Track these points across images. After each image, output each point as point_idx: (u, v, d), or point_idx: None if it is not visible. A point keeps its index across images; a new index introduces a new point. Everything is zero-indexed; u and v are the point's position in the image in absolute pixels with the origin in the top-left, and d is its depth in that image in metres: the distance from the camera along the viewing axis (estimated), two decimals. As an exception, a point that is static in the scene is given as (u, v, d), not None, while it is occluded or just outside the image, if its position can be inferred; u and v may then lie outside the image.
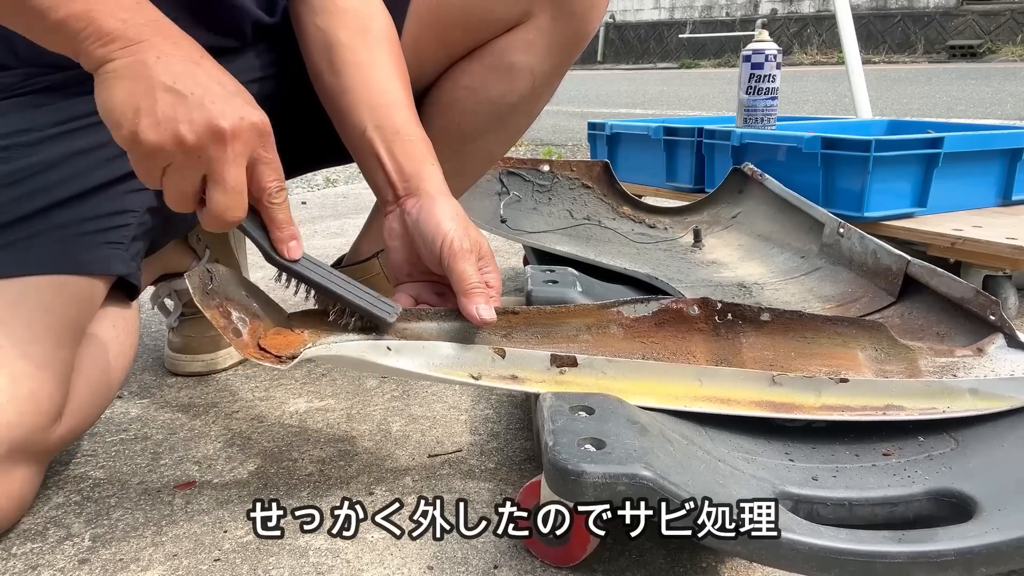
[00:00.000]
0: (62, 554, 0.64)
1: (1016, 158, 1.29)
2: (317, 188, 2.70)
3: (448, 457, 0.78)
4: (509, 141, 1.01)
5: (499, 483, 0.73)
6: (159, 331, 1.20)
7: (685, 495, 0.49)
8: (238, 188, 0.57)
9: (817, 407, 0.64)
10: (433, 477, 0.74)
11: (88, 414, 0.72)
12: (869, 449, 0.62)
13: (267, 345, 0.61)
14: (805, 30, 11.30)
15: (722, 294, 0.95)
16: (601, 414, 0.58)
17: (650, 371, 0.66)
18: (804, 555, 0.48)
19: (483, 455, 0.78)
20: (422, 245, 0.71)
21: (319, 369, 1.03)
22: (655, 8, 13.30)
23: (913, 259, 0.75)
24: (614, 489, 0.50)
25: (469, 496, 0.70)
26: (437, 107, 0.94)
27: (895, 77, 7.25)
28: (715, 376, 0.65)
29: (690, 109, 5.30)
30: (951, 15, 10.20)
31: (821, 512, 0.56)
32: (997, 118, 3.87)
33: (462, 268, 0.67)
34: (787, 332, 0.68)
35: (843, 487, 0.57)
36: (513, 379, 0.65)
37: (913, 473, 0.58)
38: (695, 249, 1.17)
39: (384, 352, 0.64)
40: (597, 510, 0.53)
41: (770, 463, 0.60)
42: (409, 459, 0.78)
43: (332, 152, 0.93)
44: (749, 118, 1.49)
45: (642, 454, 0.52)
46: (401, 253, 0.74)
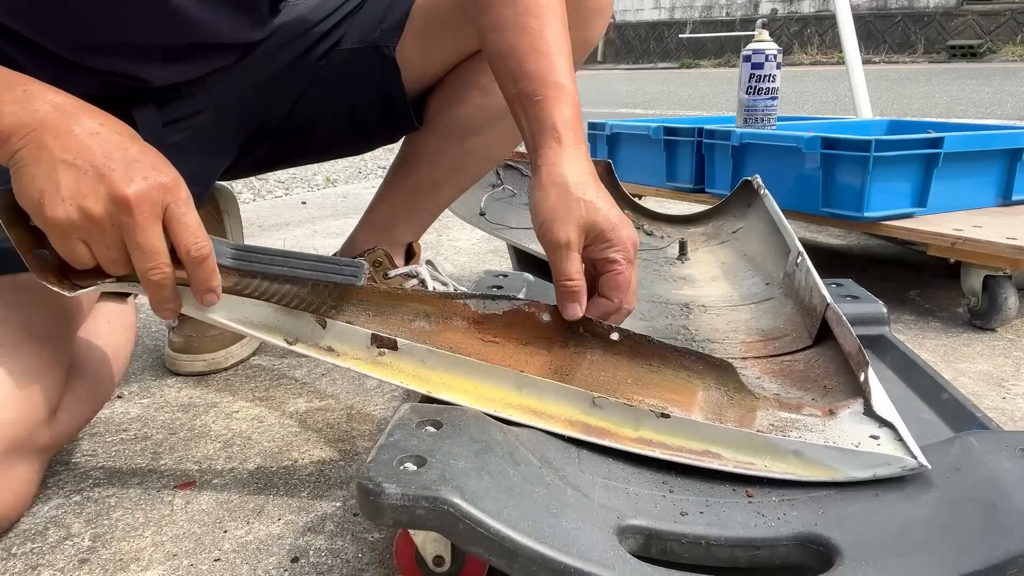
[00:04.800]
0: (62, 554, 0.64)
1: (1016, 158, 1.29)
2: (317, 188, 2.70)
3: (448, 457, 0.78)
4: (510, 142, 1.01)
5: (499, 483, 0.73)
6: (159, 331, 1.20)
7: (491, 524, 0.46)
8: (153, 249, 0.57)
9: (633, 438, 0.60)
10: (433, 477, 0.74)
11: (86, 410, 0.72)
12: (749, 484, 0.58)
13: (74, 277, 0.61)
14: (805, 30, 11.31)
15: (660, 312, 0.92)
16: (447, 430, 0.54)
17: (469, 369, 0.63)
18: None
19: (483, 455, 0.78)
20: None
21: (319, 369, 1.03)
22: (655, 8, 13.30)
23: (833, 303, 0.70)
24: (413, 513, 0.46)
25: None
26: (445, 101, 0.95)
27: (895, 77, 7.25)
28: (535, 387, 0.62)
29: (690, 109, 5.30)
30: (951, 15, 10.20)
31: (676, 549, 0.52)
32: (997, 118, 3.86)
33: (552, 264, 0.65)
34: (634, 356, 0.65)
35: (704, 524, 0.52)
36: (329, 351, 0.64)
37: (787, 514, 0.53)
38: (677, 262, 1.15)
39: (195, 302, 0.62)
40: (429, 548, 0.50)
41: (642, 493, 0.56)
42: (409, 459, 0.78)
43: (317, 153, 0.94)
44: (749, 118, 1.49)
45: (461, 476, 0.48)
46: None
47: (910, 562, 0.46)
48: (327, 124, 0.93)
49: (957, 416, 0.66)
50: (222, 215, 1.12)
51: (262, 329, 0.64)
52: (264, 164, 0.99)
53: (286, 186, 2.73)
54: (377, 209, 1.06)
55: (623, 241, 0.65)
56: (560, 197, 0.64)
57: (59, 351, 0.67)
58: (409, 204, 1.04)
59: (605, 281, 0.66)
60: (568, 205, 0.64)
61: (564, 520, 0.49)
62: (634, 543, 0.52)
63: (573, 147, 0.66)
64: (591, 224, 0.64)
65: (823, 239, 1.69)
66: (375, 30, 0.89)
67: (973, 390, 0.92)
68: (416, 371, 0.64)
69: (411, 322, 0.67)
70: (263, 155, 0.95)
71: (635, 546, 0.52)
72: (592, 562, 0.46)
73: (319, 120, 0.93)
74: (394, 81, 0.90)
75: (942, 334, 1.10)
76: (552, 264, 0.65)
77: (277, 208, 2.30)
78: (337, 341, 0.64)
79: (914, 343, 1.07)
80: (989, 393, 0.91)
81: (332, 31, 0.90)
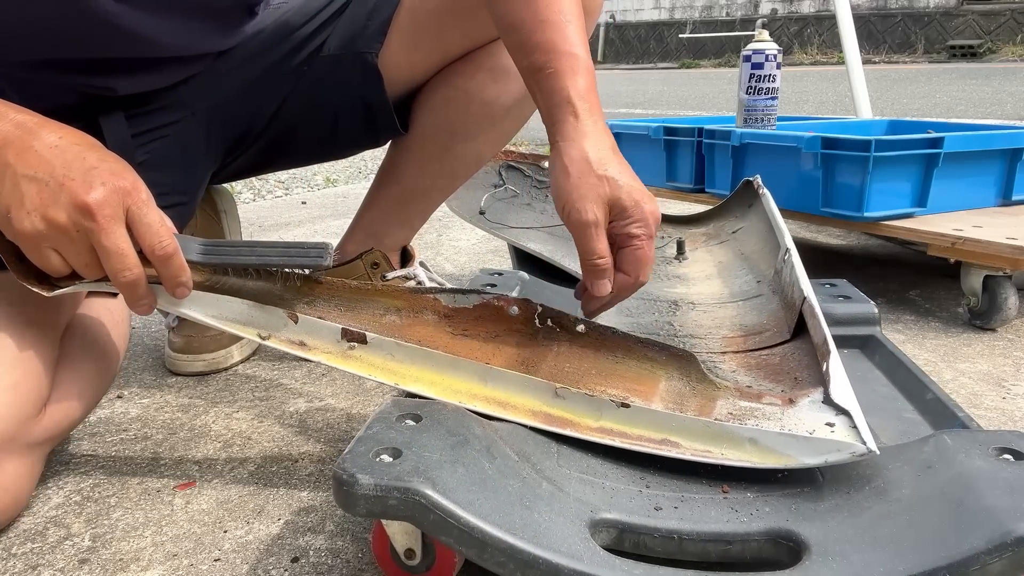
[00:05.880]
0: (62, 554, 0.64)
1: (1016, 158, 1.29)
2: (317, 188, 2.70)
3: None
4: (498, 144, 1.01)
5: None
6: (159, 331, 1.20)
7: (461, 515, 0.47)
8: (120, 251, 0.59)
9: (594, 428, 0.61)
10: (433, 477, 0.74)
11: (80, 405, 0.72)
12: (726, 481, 0.58)
13: (54, 279, 0.63)
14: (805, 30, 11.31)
15: (647, 309, 0.93)
16: (426, 424, 0.55)
17: (436, 362, 0.64)
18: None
19: (483, 455, 0.78)
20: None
21: (319, 369, 1.03)
22: (655, 8, 13.30)
23: (811, 297, 0.71)
24: (386, 503, 0.47)
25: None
26: (430, 105, 0.94)
27: (895, 77, 7.25)
28: (500, 378, 0.63)
29: (690, 109, 5.30)
30: (951, 15, 10.20)
31: (648, 543, 0.52)
32: (997, 118, 3.86)
33: (578, 242, 0.65)
34: (599, 348, 0.66)
35: (677, 519, 0.53)
36: (301, 345, 0.65)
37: (759, 509, 0.54)
38: (675, 261, 1.15)
39: (170, 297, 0.64)
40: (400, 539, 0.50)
41: (618, 487, 0.57)
42: (409, 459, 0.78)
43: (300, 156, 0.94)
44: (749, 118, 1.49)
45: (434, 468, 0.49)
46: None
47: (874, 557, 0.47)
48: (311, 129, 0.93)
49: (939, 415, 0.66)
50: (220, 215, 1.12)
51: (236, 324, 0.65)
52: (250, 169, 0.98)
53: (286, 186, 2.73)
54: (367, 215, 1.06)
55: (645, 216, 0.65)
56: (582, 174, 0.64)
57: (44, 344, 0.67)
58: (398, 210, 1.04)
59: (624, 255, 0.66)
60: (591, 182, 0.64)
61: (536, 513, 0.50)
62: (607, 536, 0.53)
63: (590, 120, 0.65)
64: (615, 200, 0.64)
65: (823, 239, 1.69)
66: (358, 35, 0.88)
67: (973, 390, 0.92)
68: (385, 364, 0.65)
69: (382, 316, 0.68)
70: (249, 160, 0.95)
71: (608, 539, 0.53)
72: (560, 553, 0.46)
73: (303, 126, 0.92)
74: (376, 88, 0.89)
75: (942, 334, 1.10)
76: (578, 242, 0.65)
77: (277, 208, 2.30)
78: (308, 335, 0.65)
79: (914, 343, 1.07)
80: (989, 393, 0.91)
81: (315, 35, 0.89)
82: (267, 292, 0.67)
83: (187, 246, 0.63)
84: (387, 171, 1.03)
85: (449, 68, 0.92)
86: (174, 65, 0.83)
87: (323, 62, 0.89)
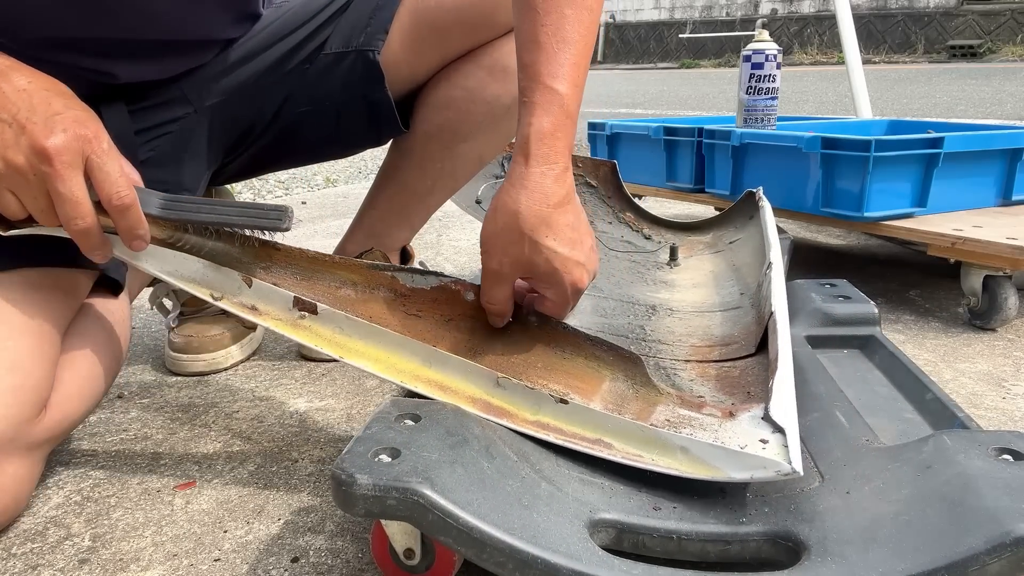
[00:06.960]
0: (62, 554, 0.64)
1: (1016, 158, 1.29)
2: (317, 188, 2.70)
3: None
4: (500, 144, 1.01)
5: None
6: (159, 331, 1.20)
7: (460, 515, 0.47)
8: (74, 199, 0.59)
9: (531, 421, 0.61)
10: (433, 477, 0.74)
11: (79, 405, 0.72)
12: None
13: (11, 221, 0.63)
14: (805, 30, 11.31)
15: (623, 311, 0.93)
16: (425, 424, 0.55)
17: (382, 339, 0.65)
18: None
19: (483, 455, 0.78)
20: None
21: (319, 369, 1.03)
22: (655, 8, 13.31)
23: (778, 312, 0.70)
24: (384, 503, 0.47)
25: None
26: (432, 105, 0.94)
27: (895, 77, 7.25)
28: (443, 362, 0.64)
29: (690, 109, 5.30)
30: (951, 15, 10.20)
31: (648, 543, 0.53)
32: (997, 118, 3.86)
33: (482, 282, 0.65)
34: (549, 342, 0.67)
35: (676, 519, 0.53)
36: (252, 310, 0.65)
37: (758, 510, 0.54)
38: (665, 267, 1.15)
39: (127, 249, 0.64)
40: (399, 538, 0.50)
41: (618, 487, 0.57)
42: (409, 459, 0.78)
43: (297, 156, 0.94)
44: (749, 118, 1.49)
45: (432, 468, 0.49)
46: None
47: (873, 557, 0.47)
48: (313, 128, 0.93)
49: (939, 416, 0.66)
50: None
51: (190, 282, 0.66)
52: (252, 168, 0.98)
53: (286, 186, 2.73)
54: (367, 215, 1.06)
55: (561, 285, 0.63)
56: (505, 228, 0.61)
57: (45, 346, 0.67)
58: (400, 210, 1.04)
59: (538, 302, 0.67)
60: (510, 238, 0.61)
61: (535, 513, 0.50)
62: (606, 536, 0.53)
63: (539, 168, 0.61)
64: (530, 263, 0.62)
65: (823, 239, 1.69)
66: (360, 33, 0.88)
67: (973, 390, 0.92)
68: (333, 336, 0.65)
69: (337, 289, 0.69)
70: (251, 159, 0.95)
71: (607, 539, 0.53)
72: (559, 553, 0.47)
73: (305, 123, 0.92)
74: (379, 86, 0.89)
75: (942, 334, 1.10)
76: (481, 282, 0.65)
77: (277, 208, 2.30)
78: (260, 300, 0.66)
79: (914, 343, 1.07)
80: (989, 393, 0.91)
81: (317, 32, 0.89)
82: (225, 254, 0.67)
83: (147, 199, 0.63)
84: (388, 172, 1.03)
85: (451, 67, 0.92)
86: (178, 52, 0.83)
87: (325, 60, 0.89)
